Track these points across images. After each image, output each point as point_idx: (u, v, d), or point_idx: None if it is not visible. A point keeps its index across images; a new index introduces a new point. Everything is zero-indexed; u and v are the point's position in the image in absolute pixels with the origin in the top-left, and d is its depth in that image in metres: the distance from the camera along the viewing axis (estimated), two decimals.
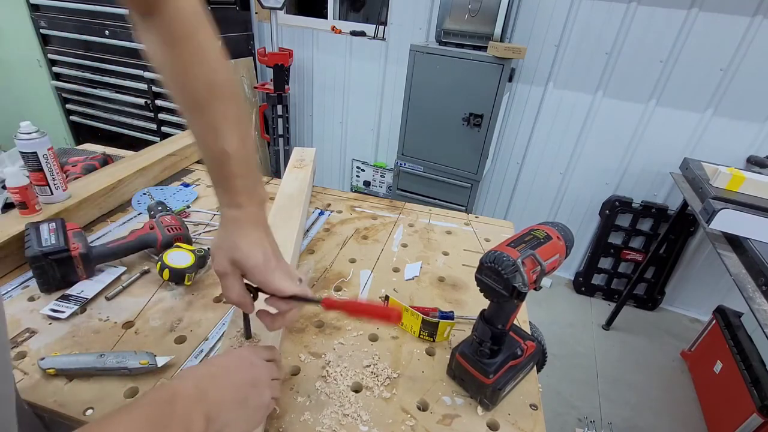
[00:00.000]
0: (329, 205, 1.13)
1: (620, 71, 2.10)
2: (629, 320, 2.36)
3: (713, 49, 1.92)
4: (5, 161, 0.95)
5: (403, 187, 2.45)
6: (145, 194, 1.06)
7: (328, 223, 1.05)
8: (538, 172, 2.51)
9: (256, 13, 2.78)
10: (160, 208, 0.91)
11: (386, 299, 0.74)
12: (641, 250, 2.39)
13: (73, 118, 3.13)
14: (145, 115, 2.76)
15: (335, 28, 2.67)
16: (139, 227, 0.84)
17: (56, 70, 2.95)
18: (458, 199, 2.33)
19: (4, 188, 0.86)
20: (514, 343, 0.62)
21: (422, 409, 0.59)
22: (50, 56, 2.88)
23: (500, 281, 0.51)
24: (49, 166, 0.84)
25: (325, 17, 2.74)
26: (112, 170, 1.04)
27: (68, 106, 3.08)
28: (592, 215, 2.48)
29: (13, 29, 2.83)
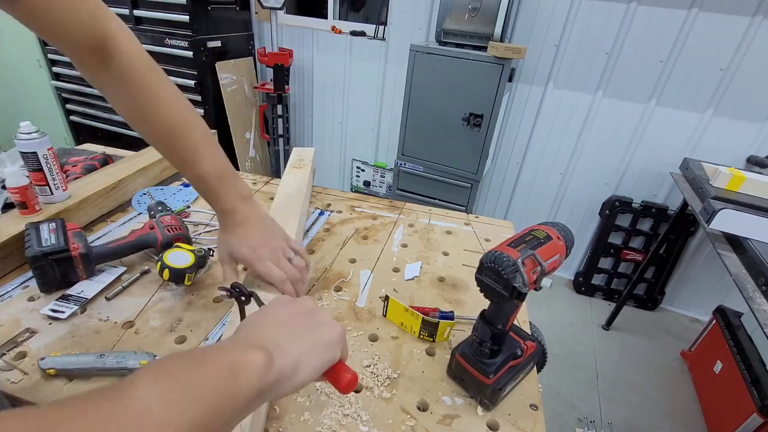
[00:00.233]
0: (329, 205, 1.13)
1: (620, 71, 2.10)
2: (629, 320, 2.35)
3: (713, 49, 1.92)
4: (5, 161, 0.95)
5: (403, 187, 2.45)
6: (145, 194, 1.06)
7: (328, 223, 1.05)
8: (538, 172, 2.51)
9: (256, 13, 2.79)
10: (160, 208, 0.91)
11: (386, 299, 0.74)
12: (641, 250, 2.39)
13: (73, 118, 3.13)
14: None
15: (335, 28, 2.67)
16: (139, 227, 0.84)
17: (56, 70, 2.95)
18: (458, 199, 2.33)
19: (4, 188, 0.86)
20: (514, 343, 0.62)
21: (422, 409, 0.59)
22: (50, 56, 2.88)
23: (500, 281, 0.51)
24: (49, 166, 0.84)
25: (325, 17, 2.74)
26: (112, 170, 1.04)
27: (68, 106, 3.08)
28: (592, 215, 2.48)
29: (13, 29, 2.83)
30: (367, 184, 3.04)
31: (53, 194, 0.87)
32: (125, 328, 0.68)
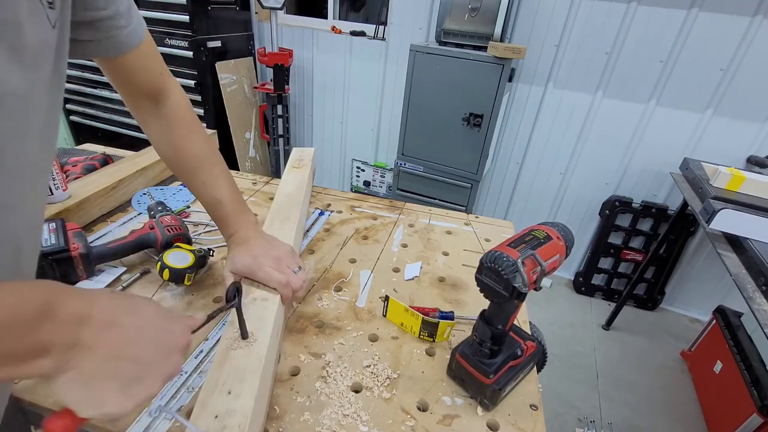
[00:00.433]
0: (329, 205, 1.13)
1: (620, 71, 2.10)
2: (629, 320, 2.36)
3: (713, 49, 1.92)
4: None
5: (403, 187, 2.45)
6: (145, 194, 1.06)
7: (328, 223, 1.05)
8: (538, 172, 2.51)
9: (256, 13, 2.79)
10: (160, 208, 0.91)
11: (386, 299, 0.74)
12: (641, 250, 2.39)
13: (73, 118, 3.13)
14: None
15: (335, 28, 2.67)
16: (139, 227, 0.84)
17: None
18: (458, 199, 2.33)
19: None
20: (514, 343, 0.62)
21: (422, 409, 0.59)
22: None
23: (500, 281, 0.51)
24: None
25: (325, 17, 2.74)
26: (112, 170, 1.04)
27: (68, 106, 3.08)
28: (592, 215, 2.48)
29: None
30: (367, 184, 3.04)
31: (53, 194, 0.87)
32: None
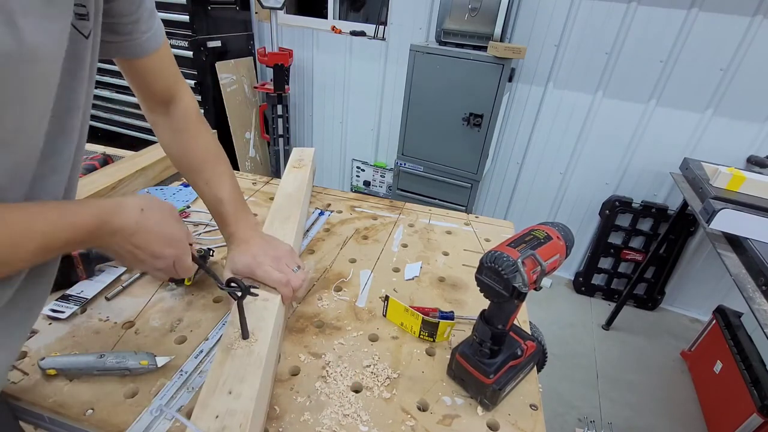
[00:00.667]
0: (329, 205, 1.13)
1: (620, 71, 2.10)
2: (629, 320, 2.35)
3: (713, 49, 1.92)
4: None
5: (403, 187, 2.45)
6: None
7: (328, 223, 1.05)
8: (538, 172, 2.51)
9: (256, 13, 2.79)
10: None
11: (386, 299, 0.74)
12: (641, 250, 2.39)
13: None
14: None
15: (335, 28, 2.67)
16: None
17: None
18: (458, 199, 2.33)
19: None
20: (514, 343, 0.62)
21: (422, 409, 0.59)
22: None
23: (500, 281, 0.51)
24: None
25: (325, 17, 2.74)
26: (112, 170, 1.04)
27: None
28: (592, 215, 2.48)
29: None
30: (367, 184, 3.04)
31: None
32: (125, 328, 0.68)
